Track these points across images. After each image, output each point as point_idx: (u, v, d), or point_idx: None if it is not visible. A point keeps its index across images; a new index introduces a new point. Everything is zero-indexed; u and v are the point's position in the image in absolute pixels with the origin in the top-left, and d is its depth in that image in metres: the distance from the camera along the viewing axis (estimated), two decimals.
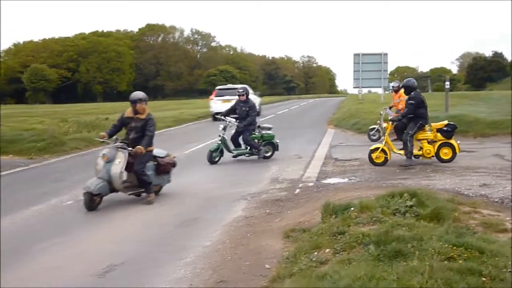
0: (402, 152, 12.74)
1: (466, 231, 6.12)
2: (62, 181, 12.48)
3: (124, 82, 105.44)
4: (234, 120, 14.63)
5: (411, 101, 12.43)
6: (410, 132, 12.37)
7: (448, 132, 12.72)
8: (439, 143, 12.70)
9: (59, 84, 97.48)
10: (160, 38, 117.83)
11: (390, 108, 18.64)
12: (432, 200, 7.40)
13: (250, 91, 40.19)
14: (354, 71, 39.60)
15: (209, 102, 32.07)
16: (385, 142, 12.72)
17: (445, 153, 12.72)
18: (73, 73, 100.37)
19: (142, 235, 7.70)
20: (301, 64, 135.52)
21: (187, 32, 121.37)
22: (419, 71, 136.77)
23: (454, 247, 5.32)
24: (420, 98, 12.63)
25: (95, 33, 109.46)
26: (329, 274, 4.90)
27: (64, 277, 6.06)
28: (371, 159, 12.69)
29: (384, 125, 13.61)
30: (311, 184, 10.83)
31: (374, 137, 17.85)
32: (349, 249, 5.79)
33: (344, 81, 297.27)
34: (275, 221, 8.18)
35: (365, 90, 50.32)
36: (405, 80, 13.28)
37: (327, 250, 5.98)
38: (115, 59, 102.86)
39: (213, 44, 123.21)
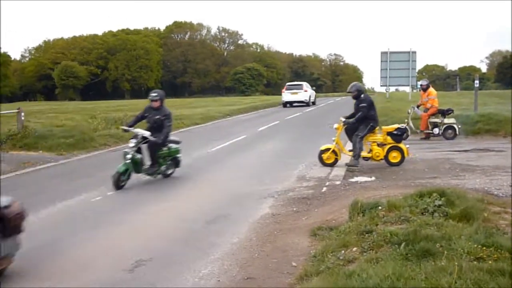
0: (351, 153, 12.81)
1: (496, 232, 6.06)
2: (91, 177, 12.63)
3: (152, 79, 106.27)
4: (148, 133, 11.38)
5: (363, 104, 12.54)
6: (360, 134, 12.45)
7: (398, 136, 12.68)
8: (388, 146, 12.66)
9: (88, 81, 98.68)
10: (187, 36, 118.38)
11: (418, 106, 18.49)
12: (461, 200, 7.32)
13: (307, 85, 44.99)
14: (382, 69, 39.27)
15: (282, 94, 42.65)
16: (336, 143, 12.83)
17: (394, 156, 12.66)
18: (102, 70, 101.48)
19: (171, 231, 7.77)
20: (328, 62, 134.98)
21: (214, 30, 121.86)
22: (447, 69, 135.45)
23: (484, 248, 5.28)
24: (371, 100, 12.86)
25: (124, 31, 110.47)
26: (357, 273, 4.89)
27: (93, 271, 6.15)
28: (321, 160, 12.82)
29: (338, 124, 13.18)
30: (338, 182, 10.81)
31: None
32: (377, 248, 5.77)
33: (372, 79, 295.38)
34: (302, 219, 8.18)
35: (392, 88, 49.88)
36: (352, 84, 13.28)
37: (355, 248, 5.97)
38: (143, 57, 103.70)
39: (240, 42, 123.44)
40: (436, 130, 17.59)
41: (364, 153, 12.64)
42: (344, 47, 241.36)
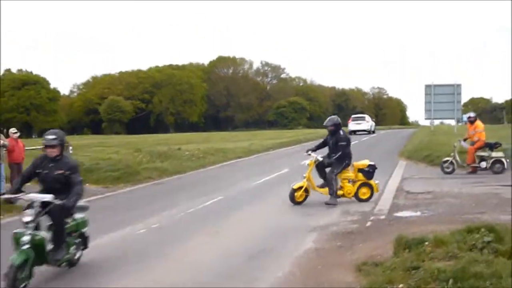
0: (322, 190, 12.63)
1: None
2: (136, 209, 12.79)
3: (196, 113, 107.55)
4: (49, 196, 7.39)
5: (343, 143, 12.53)
6: (335, 170, 12.41)
7: (370, 172, 12.66)
8: (359, 183, 12.63)
9: (134, 115, 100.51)
10: (230, 70, 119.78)
11: (465, 140, 18.17)
12: (511, 236, 7.11)
13: (369, 117, 54.38)
14: (426, 102, 38.87)
15: (348, 124, 49.78)
16: (307, 180, 12.58)
17: (364, 192, 12.66)
18: (146, 104, 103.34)
19: (215, 265, 7.76)
20: (371, 95, 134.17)
21: (257, 64, 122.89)
22: (493, 102, 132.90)
23: None
24: (348, 138, 13.01)
25: (170, 66, 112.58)
26: None
27: None
28: (292, 198, 12.51)
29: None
30: (382, 217, 10.66)
31: (448, 170, 17.41)
32: (424, 285, 5.64)
33: (416, 112, 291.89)
34: (346, 254, 8.08)
35: (437, 122, 49.22)
36: (329, 119, 13.17)
37: (401, 285, 5.85)
38: (188, 91, 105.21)
39: (283, 75, 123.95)
40: (483, 164, 17.21)
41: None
42: (387, 80, 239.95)
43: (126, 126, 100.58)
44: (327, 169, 12.65)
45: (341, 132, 12.79)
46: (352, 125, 50.33)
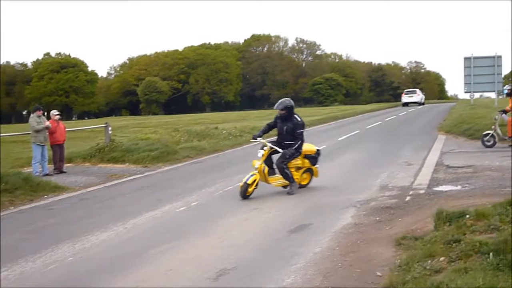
0: (275, 180, 11.47)
1: None
2: (175, 188, 12.95)
3: (232, 92, 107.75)
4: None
5: (300, 130, 11.36)
6: (287, 158, 11.24)
7: (315, 158, 11.96)
8: (304, 169, 11.81)
9: (170, 95, 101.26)
10: (265, 48, 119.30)
11: (505, 112, 17.76)
12: None
13: (419, 91, 63.33)
14: (465, 75, 38.09)
15: (401, 97, 61.46)
16: (259, 172, 11.20)
17: (304, 178, 11.92)
18: (183, 84, 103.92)
19: (254, 241, 7.83)
20: (409, 70, 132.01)
21: (292, 41, 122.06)
22: None
23: None
24: (304, 122, 11.78)
25: (203, 46, 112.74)
26: (445, 283, 4.76)
27: (179, 280, 6.29)
28: (244, 193, 10.89)
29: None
30: (422, 191, 10.56)
31: (489, 143, 17.09)
32: (465, 258, 5.59)
33: (454, 86, 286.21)
34: (385, 228, 8.05)
35: (477, 95, 48.23)
36: (280, 101, 11.69)
37: (442, 258, 5.81)
38: (223, 70, 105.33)
39: (318, 52, 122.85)
40: None
41: (282, 179, 11.43)
42: (425, 54, 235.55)
43: (163, 107, 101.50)
44: (274, 156, 11.51)
45: (297, 117, 11.48)
46: (405, 98, 59.91)
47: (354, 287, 5.73)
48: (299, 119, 11.44)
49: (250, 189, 10.87)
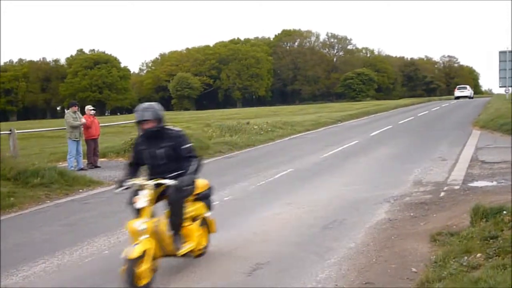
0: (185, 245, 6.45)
1: None
2: None
3: (263, 87, 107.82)
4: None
5: (189, 144, 6.75)
6: (186, 189, 6.42)
7: (208, 198, 8.97)
8: (200, 219, 6.97)
9: (202, 91, 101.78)
10: (296, 43, 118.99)
11: None
12: None
13: (469, 87, 71.96)
14: (500, 69, 37.42)
15: (455, 92, 71.97)
16: (152, 234, 5.89)
17: (202, 236, 9.48)
18: (214, 80, 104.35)
19: (288, 235, 7.83)
20: (442, 64, 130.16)
21: (323, 36, 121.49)
22: None
23: None
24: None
25: (234, 41, 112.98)
26: (484, 279, 4.70)
27: (213, 274, 6.32)
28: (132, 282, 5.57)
29: None
30: (457, 187, 10.44)
31: None
32: (503, 254, 5.51)
33: (489, 81, 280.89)
34: (420, 224, 7.97)
35: None
36: (145, 107, 6.50)
37: (479, 254, 5.73)
38: (254, 66, 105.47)
39: (350, 47, 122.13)
40: None
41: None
42: (458, 48, 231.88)
43: (195, 102, 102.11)
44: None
45: (175, 129, 6.89)
46: (458, 92, 70.13)
47: (389, 282, 5.69)
48: (176, 129, 6.84)
49: (141, 272, 5.60)
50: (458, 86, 75.92)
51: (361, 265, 6.27)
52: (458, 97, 68.13)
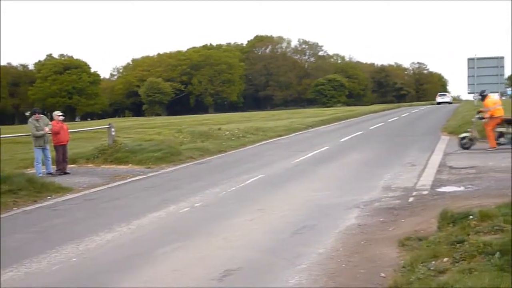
0: None
1: None
2: (179, 189, 12.96)
3: (235, 93, 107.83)
4: None
5: None
6: None
7: None
8: None
9: (173, 96, 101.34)
10: (268, 49, 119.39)
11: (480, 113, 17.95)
12: None
13: (449, 94, 79.62)
14: (469, 76, 37.96)
15: (436, 98, 76.51)
16: None
17: None
18: (185, 85, 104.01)
19: (259, 241, 7.84)
20: (411, 71, 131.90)
21: (294, 43, 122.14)
22: None
23: None
24: None
25: (206, 47, 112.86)
26: (450, 284, 4.78)
27: (184, 280, 6.30)
28: None
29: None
30: (425, 192, 10.57)
31: (466, 145, 17.15)
32: (469, 259, 5.60)
33: (458, 87, 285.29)
34: (389, 229, 8.06)
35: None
36: None
37: (446, 259, 5.82)
38: (226, 71, 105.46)
39: (321, 53, 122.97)
40: (502, 140, 16.82)
41: None
42: (427, 55, 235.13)
43: (166, 108, 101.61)
44: None
45: None
46: (439, 98, 75.58)
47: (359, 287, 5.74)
48: None
49: None
50: (439, 93, 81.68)
51: (331, 270, 6.31)
52: (439, 103, 72.36)
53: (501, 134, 16.91)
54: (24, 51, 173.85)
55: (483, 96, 17.72)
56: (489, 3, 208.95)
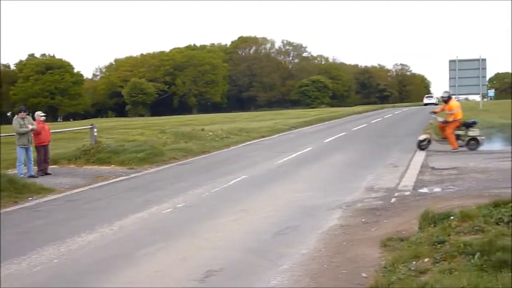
0: None
1: None
2: (162, 189, 12.91)
3: (218, 94, 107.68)
4: None
5: None
6: None
7: None
8: None
9: (157, 97, 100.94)
10: (252, 50, 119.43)
11: (435, 113, 18.54)
12: None
13: (435, 96, 75.17)
14: (450, 78, 38.33)
15: (424, 99, 79.71)
16: None
17: None
18: (169, 86, 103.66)
19: (241, 242, 7.84)
20: (395, 72, 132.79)
21: (278, 44, 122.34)
22: None
23: None
24: None
25: (190, 47, 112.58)
26: (431, 284, 4.81)
27: (166, 281, 6.28)
28: None
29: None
30: (407, 193, 10.64)
31: (423, 147, 17.59)
32: (450, 259, 5.65)
33: (440, 88, 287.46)
34: (371, 230, 8.10)
35: (462, 97, 48.69)
36: None
37: (427, 259, 5.86)
38: (210, 72, 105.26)
39: (305, 54, 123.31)
40: (459, 142, 17.29)
41: None
42: (410, 57, 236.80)
43: (149, 108, 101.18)
44: None
45: None
46: (426, 100, 78.21)
47: None
48: None
49: None
50: (426, 95, 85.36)
51: (314, 271, 6.33)
52: (426, 104, 73.77)
53: (457, 137, 17.33)
54: (5, 51, 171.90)
55: (447, 99, 17.96)
56: (472, 3, 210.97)
